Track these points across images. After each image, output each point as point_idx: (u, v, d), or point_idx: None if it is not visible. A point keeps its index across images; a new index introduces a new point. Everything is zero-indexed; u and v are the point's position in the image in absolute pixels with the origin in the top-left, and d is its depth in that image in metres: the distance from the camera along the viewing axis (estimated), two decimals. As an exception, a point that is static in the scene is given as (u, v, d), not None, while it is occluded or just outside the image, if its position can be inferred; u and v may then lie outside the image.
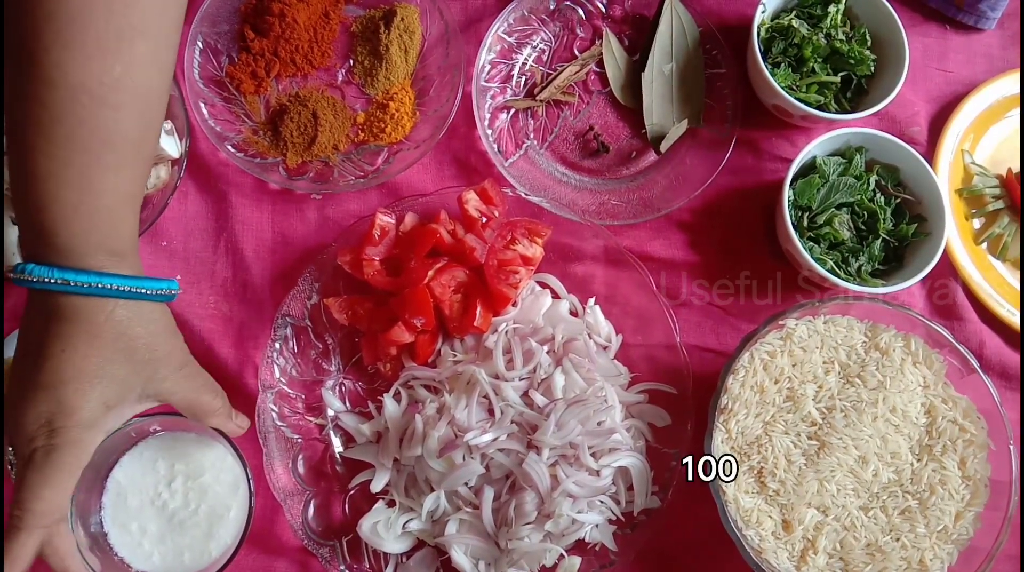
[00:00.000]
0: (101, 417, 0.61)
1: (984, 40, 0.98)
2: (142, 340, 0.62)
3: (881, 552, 0.74)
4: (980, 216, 0.93)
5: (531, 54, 0.93)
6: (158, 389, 0.64)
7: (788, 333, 0.79)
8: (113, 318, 0.61)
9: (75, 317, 0.59)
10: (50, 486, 0.59)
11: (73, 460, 0.60)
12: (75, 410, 0.59)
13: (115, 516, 0.73)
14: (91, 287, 0.59)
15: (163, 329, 0.65)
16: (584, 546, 0.77)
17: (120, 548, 0.72)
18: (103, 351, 0.60)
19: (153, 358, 0.63)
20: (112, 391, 0.61)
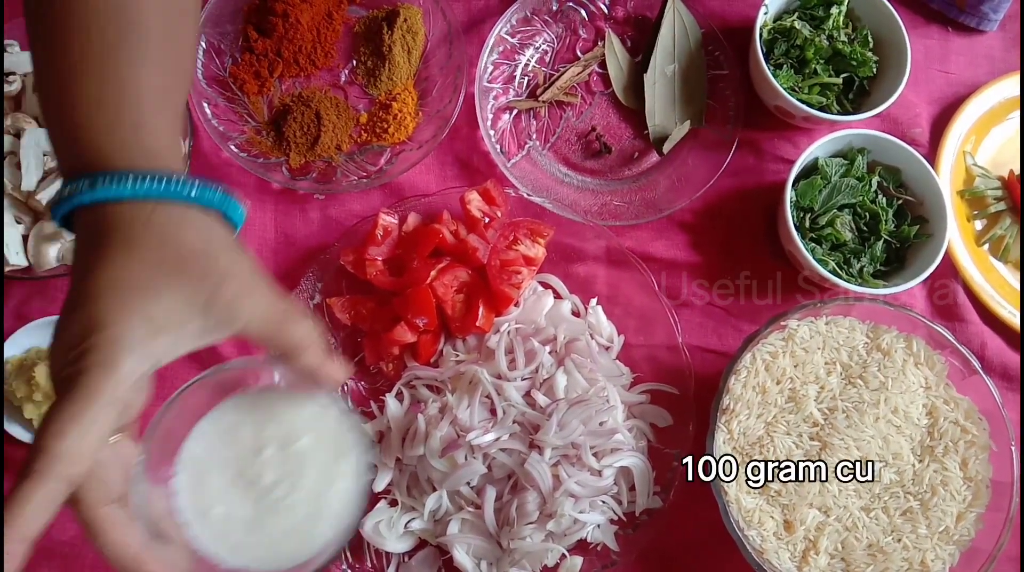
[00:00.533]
0: (145, 338, 0.47)
1: (986, 42, 0.99)
2: (191, 247, 0.50)
3: (883, 553, 0.74)
4: (982, 218, 0.93)
5: (534, 55, 0.93)
6: (227, 313, 0.50)
7: (790, 334, 0.79)
8: (153, 222, 0.49)
9: (109, 227, 0.49)
10: (75, 420, 0.44)
11: (104, 387, 0.45)
12: (106, 325, 0.46)
13: (194, 502, 0.54)
14: (118, 185, 0.49)
15: (220, 239, 0.52)
16: (586, 546, 0.77)
17: (204, 542, 0.54)
18: (144, 260, 0.48)
19: (212, 272, 0.50)
20: (160, 308, 0.48)
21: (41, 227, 0.78)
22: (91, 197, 0.49)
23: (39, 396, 0.75)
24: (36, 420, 0.76)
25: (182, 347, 0.49)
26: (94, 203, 0.49)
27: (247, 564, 0.54)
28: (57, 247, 0.78)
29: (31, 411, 0.76)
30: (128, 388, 0.46)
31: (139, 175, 0.49)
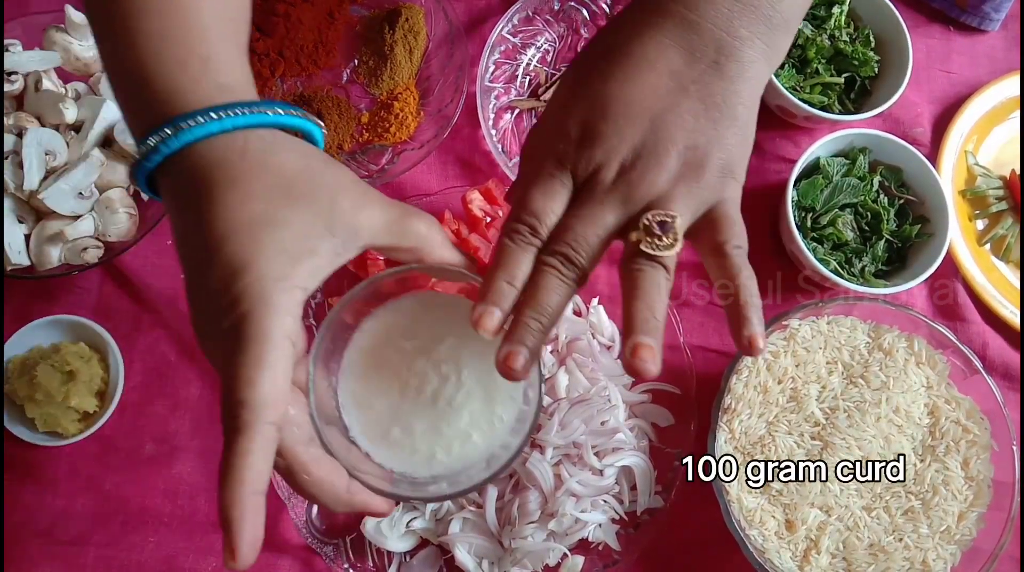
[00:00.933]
0: (287, 269, 0.46)
1: (988, 41, 0.99)
2: (294, 168, 0.49)
3: (884, 552, 0.74)
4: (983, 217, 0.93)
5: (535, 54, 0.93)
6: (351, 224, 0.49)
7: (791, 333, 0.79)
8: (249, 152, 0.48)
9: (206, 169, 0.47)
10: (258, 365, 0.43)
11: (272, 325, 0.44)
12: (249, 264, 0.45)
13: (368, 431, 0.53)
14: (205, 123, 0.47)
15: (316, 155, 0.51)
16: (587, 545, 0.77)
17: (392, 463, 0.53)
18: (254, 192, 0.47)
19: (321, 187, 0.49)
20: (289, 236, 0.47)
21: (43, 227, 0.78)
22: (179, 142, 0.47)
23: (40, 396, 0.75)
24: (38, 420, 0.76)
25: (322, 271, 0.48)
26: (182, 148, 0.47)
27: (442, 472, 0.52)
28: (59, 247, 0.78)
29: (32, 410, 0.76)
30: (293, 321, 0.45)
31: (222, 109, 0.48)
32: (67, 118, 0.79)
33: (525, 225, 0.51)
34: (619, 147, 0.51)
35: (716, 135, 0.51)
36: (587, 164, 0.51)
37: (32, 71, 0.81)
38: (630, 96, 0.51)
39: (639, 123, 0.51)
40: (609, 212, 0.51)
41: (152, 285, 0.84)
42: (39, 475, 0.79)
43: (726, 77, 0.51)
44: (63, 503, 0.78)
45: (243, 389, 0.43)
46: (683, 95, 0.51)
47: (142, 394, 0.81)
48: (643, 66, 0.51)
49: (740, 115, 0.52)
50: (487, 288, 0.50)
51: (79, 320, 0.80)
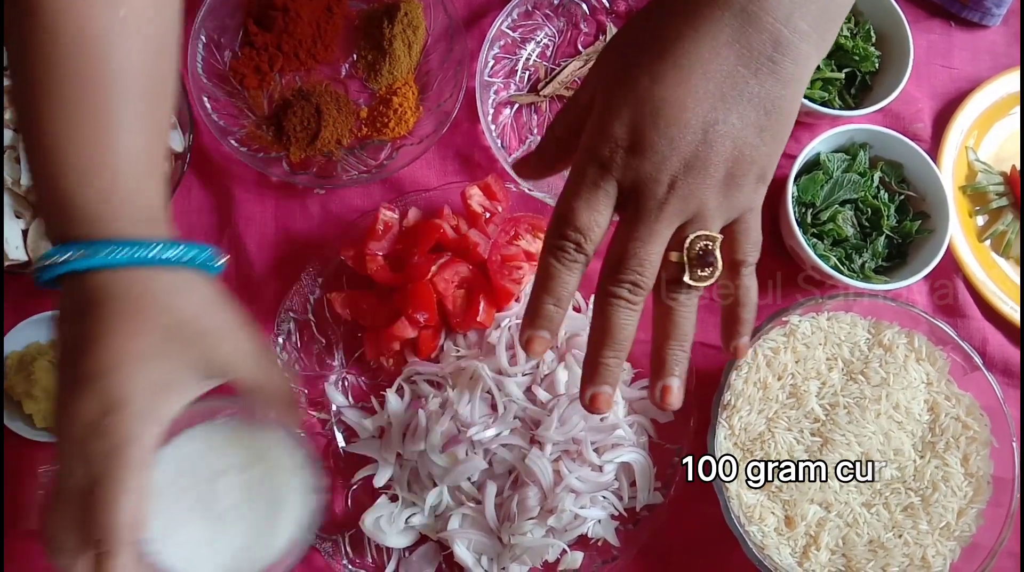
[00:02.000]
0: (157, 404, 0.51)
1: (989, 37, 0.98)
2: (189, 311, 0.53)
3: (884, 548, 0.74)
4: (984, 213, 0.93)
5: (535, 49, 0.93)
6: (222, 363, 0.54)
7: (791, 329, 0.79)
8: (152, 290, 0.51)
9: (109, 296, 0.50)
10: (126, 492, 0.48)
11: (138, 458, 0.49)
12: (125, 401, 0.49)
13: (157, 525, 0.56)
14: (119, 254, 0.50)
15: (211, 297, 0.54)
16: (587, 541, 0.77)
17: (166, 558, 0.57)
18: (149, 331, 0.51)
19: (206, 330, 0.53)
20: (162, 372, 0.51)
21: (41, 222, 0.78)
22: (88, 264, 0.50)
23: (38, 391, 0.75)
24: (36, 415, 0.76)
25: (187, 398, 0.53)
26: (88, 270, 0.50)
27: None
28: (57, 242, 0.78)
29: (30, 406, 0.76)
30: (152, 449, 0.50)
31: (137, 245, 0.51)
32: (64, 113, 0.79)
33: (571, 242, 0.51)
34: (670, 158, 0.49)
35: (761, 144, 0.50)
36: (636, 175, 0.50)
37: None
38: (682, 102, 0.49)
39: (691, 133, 0.49)
40: (665, 229, 0.51)
41: (150, 281, 0.83)
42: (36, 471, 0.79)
43: (781, 80, 0.49)
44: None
45: (110, 513, 0.48)
46: (736, 101, 0.49)
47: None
48: (696, 68, 0.49)
49: (786, 119, 0.51)
50: (535, 311, 0.52)
51: None
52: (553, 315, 0.52)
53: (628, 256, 0.51)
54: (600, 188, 0.50)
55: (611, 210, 0.51)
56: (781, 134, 0.51)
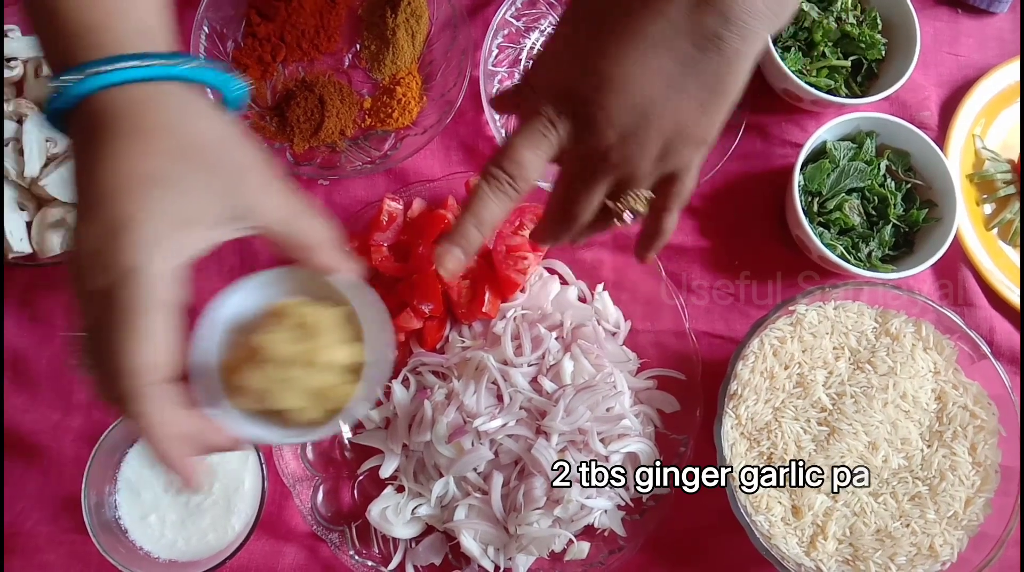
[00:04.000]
0: (171, 232, 0.45)
1: (996, 24, 0.98)
2: (209, 135, 0.47)
3: (891, 538, 0.74)
4: (991, 202, 0.92)
5: (539, 38, 0.92)
6: (251, 204, 0.48)
7: (798, 319, 0.78)
8: (162, 107, 0.46)
9: (111, 115, 0.45)
10: (135, 333, 0.43)
11: (147, 291, 0.43)
12: (133, 224, 0.43)
13: (131, 511, 0.73)
14: (112, 70, 0.45)
15: (233, 129, 0.49)
16: (593, 531, 0.77)
17: (143, 542, 0.73)
18: (158, 150, 0.45)
19: (231, 162, 0.48)
20: (179, 198, 0.45)
21: (45, 214, 0.78)
22: (84, 87, 0.45)
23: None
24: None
25: (210, 239, 0.47)
26: (90, 93, 0.45)
27: (178, 557, 0.72)
28: (61, 234, 0.78)
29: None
30: (168, 287, 0.44)
31: (134, 56, 0.46)
32: (67, 104, 0.78)
33: (505, 173, 0.53)
34: (607, 131, 0.52)
35: (701, 117, 0.52)
36: (576, 140, 0.53)
37: (32, 57, 0.80)
38: (624, 79, 0.50)
39: (630, 109, 0.51)
40: (598, 188, 0.56)
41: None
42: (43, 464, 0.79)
43: (726, 57, 0.50)
44: (68, 491, 0.78)
45: (122, 359, 0.43)
46: (680, 77, 0.50)
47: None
48: (641, 45, 0.50)
49: (729, 94, 0.52)
50: (456, 229, 0.53)
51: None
52: (472, 236, 0.54)
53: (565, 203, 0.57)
54: (544, 138, 0.53)
55: (549, 156, 0.54)
56: (723, 107, 0.52)
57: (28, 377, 0.80)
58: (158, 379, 0.45)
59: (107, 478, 0.73)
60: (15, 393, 0.80)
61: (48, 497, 0.78)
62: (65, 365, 0.80)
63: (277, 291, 0.56)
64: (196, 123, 0.47)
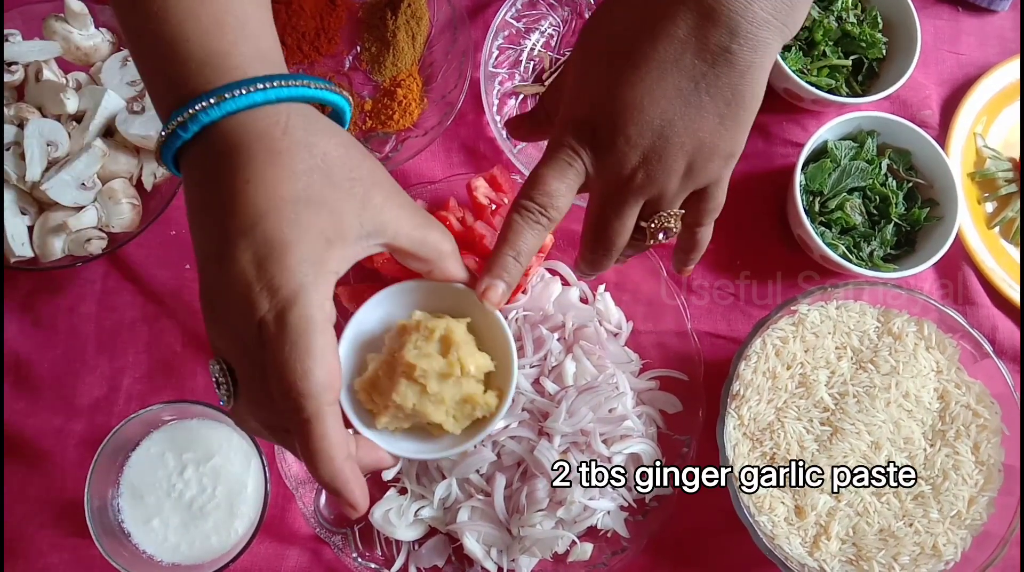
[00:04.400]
0: (324, 253, 0.45)
1: (997, 22, 0.97)
2: (335, 155, 0.48)
3: (894, 537, 0.74)
4: (992, 200, 0.92)
5: (539, 39, 0.92)
6: (379, 220, 0.48)
7: (800, 318, 0.78)
8: (291, 129, 0.46)
9: (247, 139, 0.46)
10: (310, 356, 0.43)
11: (316, 313, 0.44)
12: (290, 245, 0.44)
13: (134, 515, 0.73)
14: (253, 91, 0.45)
15: (353, 144, 0.50)
16: (596, 533, 0.77)
17: (146, 545, 0.73)
18: (299, 168, 0.46)
19: (358, 179, 0.48)
20: (327, 220, 0.46)
21: (46, 218, 0.78)
22: (223, 110, 0.45)
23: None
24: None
25: (349, 260, 0.47)
26: (222, 118, 0.46)
27: (181, 560, 0.73)
28: (63, 238, 0.78)
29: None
30: (331, 305, 0.45)
31: (266, 80, 0.46)
32: (68, 108, 0.78)
33: (536, 204, 0.55)
34: (629, 155, 0.53)
35: (723, 130, 0.53)
36: (599, 167, 0.55)
37: (32, 61, 0.80)
38: (639, 103, 0.52)
39: (647, 132, 0.52)
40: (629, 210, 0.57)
41: (157, 275, 0.83)
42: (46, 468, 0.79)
43: (738, 69, 0.51)
44: (70, 495, 0.78)
45: (301, 382, 0.43)
46: (694, 94, 0.52)
47: (147, 386, 0.81)
48: (654, 70, 0.51)
49: (748, 104, 0.53)
50: (496, 262, 0.55)
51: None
52: (512, 267, 0.55)
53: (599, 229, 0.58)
54: (570, 167, 0.55)
55: (578, 185, 0.56)
56: (744, 118, 0.53)
57: (30, 381, 0.80)
58: (334, 399, 0.45)
59: (110, 482, 0.73)
60: (17, 397, 0.80)
61: (50, 501, 0.78)
62: (68, 369, 0.81)
63: (394, 308, 0.57)
64: (327, 141, 0.48)
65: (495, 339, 0.56)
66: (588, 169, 0.55)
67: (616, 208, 0.57)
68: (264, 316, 0.43)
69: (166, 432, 0.75)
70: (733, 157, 0.56)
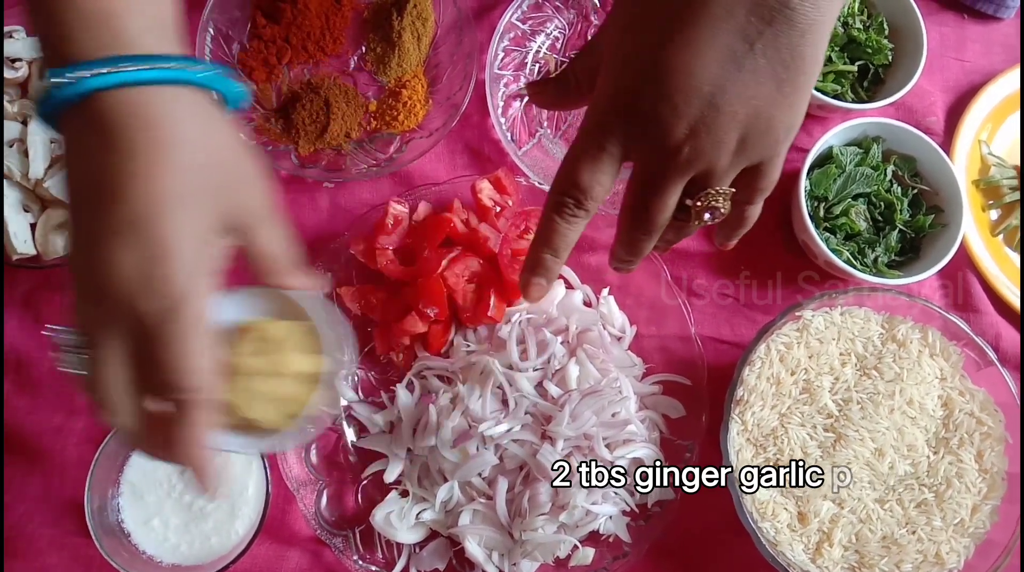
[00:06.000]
0: (201, 255, 0.46)
1: (1002, 29, 0.97)
2: (224, 153, 0.48)
3: (897, 545, 0.74)
4: (997, 207, 0.92)
5: (545, 42, 0.92)
6: (242, 217, 0.49)
7: (805, 324, 0.78)
8: (180, 119, 0.46)
9: (131, 121, 0.44)
10: (199, 354, 0.45)
11: (197, 317, 0.45)
12: (175, 252, 0.45)
13: (134, 515, 0.73)
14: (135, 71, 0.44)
15: (236, 135, 0.50)
16: (598, 537, 0.77)
17: (146, 546, 0.73)
18: (182, 164, 0.45)
19: (236, 176, 0.49)
20: (207, 218, 0.47)
21: (49, 216, 0.77)
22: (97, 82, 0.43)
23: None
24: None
25: (219, 260, 0.48)
26: (102, 89, 0.44)
27: (181, 561, 0.72)
28: (65, 236, 0.77)
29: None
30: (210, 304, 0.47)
31: (149, 58, 0.45)
32: (72, 106, 0.78)
33: (572, 198, 0.52)
34: (675, 126, 0.47)
35: (781, 98, 0.47)
36: (640, 142, 0.49)
37: (37, 58, 0.80)
38: (687, 67, 0.46)
39: (696, 99, 0.46)
40: (672, 188, 0.51)
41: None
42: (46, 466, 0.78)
43: (799, 27, 0.45)
44: (70, 494, 0.77)
45: (191, 376, 0.45)
46: (749, 56, 0.45)
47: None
48: (704, 27, 0.45)
49: (809, 68, 0.47)
50: (535, 261, 0.55)
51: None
52: (551, 265, 0.55)
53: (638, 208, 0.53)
54: (604, 151, 0.50)
55: (616, 170, 0.52)
56: (804, 84, 0.47)
57: (31, 379, 0.80)
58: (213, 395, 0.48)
59: (110, 481, 0.73)
60: (18, 395, 0.79)
61: (50, 500, 0.78)
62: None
63: (245, 310, 0.56)
64: (214, 138, 0.48)
65: (331, 342, 0.57)
66: (626, 147, 0.50)
67: (658, 185, 0.51)
68: (149, 312, 0.45)
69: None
70: (792, 130, 0.49)
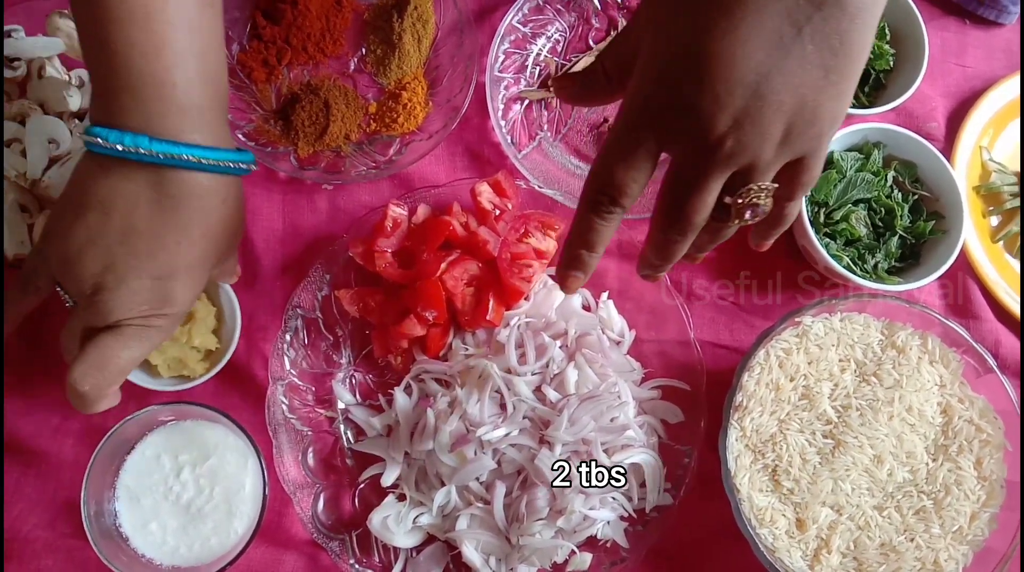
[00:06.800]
0: (187, 309, 0.63)
1: (1004, 35, 0.97)
2: (238, 227, 0.64)
3: (895, 552, 0.74)
4: (997, 214, 0.92)
5: (546, 44, 0.92)
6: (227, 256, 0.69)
7: (804, 330, 0.78)
8: (229, 200, 0.61)
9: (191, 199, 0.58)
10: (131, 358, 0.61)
11: (158, 341, 0.62)
12: (178, 303, 0.61)
13: (132, 519, 0.72)
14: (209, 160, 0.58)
15: (239, 213, 0.65)
16: (595, 542, 0.76)
17: (144, 549, 0.72)
18: (213, 237, 0.61)
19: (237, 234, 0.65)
20: (201, 283, 0.63)
21: (46, 216, 0.77)
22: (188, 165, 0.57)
23: (166, 344, 0.76)
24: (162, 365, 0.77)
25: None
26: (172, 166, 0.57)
27: (180, 563, 0.72)
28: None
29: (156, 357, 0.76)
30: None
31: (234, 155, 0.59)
32: (71, 106, 0.78)
33: (607, 196, 0.52)
34: (717, 117, 0.45)
35: (828, 86, 0.45)
36: (679, 134, 0.47)
37: (35, 58, 0.80)
38: (730, 55, 0.44)
39: (740, 88, 0.44)
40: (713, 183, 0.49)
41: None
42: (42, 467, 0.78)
43: (848, 12, 0.43)
44: (67, 495, 0.77)
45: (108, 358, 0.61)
46: (796, 41, 0.43)
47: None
48: (749, 12, 0.43)
49: (857, 55, 0.45)
50: (573, 257, 0.56)
51: None
52: (588, 261, 0.56)
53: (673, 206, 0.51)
54: (640, 146, 0.49)
55: (652, 166, 0.50)
56: (852, 72, 0.45)
57: (28, 380, 0.79)
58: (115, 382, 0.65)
59: (106, 485, 0.72)
60: (14, 396, 0.79)
61: (46, 501, 0.77)
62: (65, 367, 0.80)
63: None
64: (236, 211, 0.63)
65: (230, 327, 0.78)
66: (661, 142, 0.48)
67: (697, 181, 0.48)
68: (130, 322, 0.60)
69: (162, 434, 0.74)
70: (837, 121, 0.47)
